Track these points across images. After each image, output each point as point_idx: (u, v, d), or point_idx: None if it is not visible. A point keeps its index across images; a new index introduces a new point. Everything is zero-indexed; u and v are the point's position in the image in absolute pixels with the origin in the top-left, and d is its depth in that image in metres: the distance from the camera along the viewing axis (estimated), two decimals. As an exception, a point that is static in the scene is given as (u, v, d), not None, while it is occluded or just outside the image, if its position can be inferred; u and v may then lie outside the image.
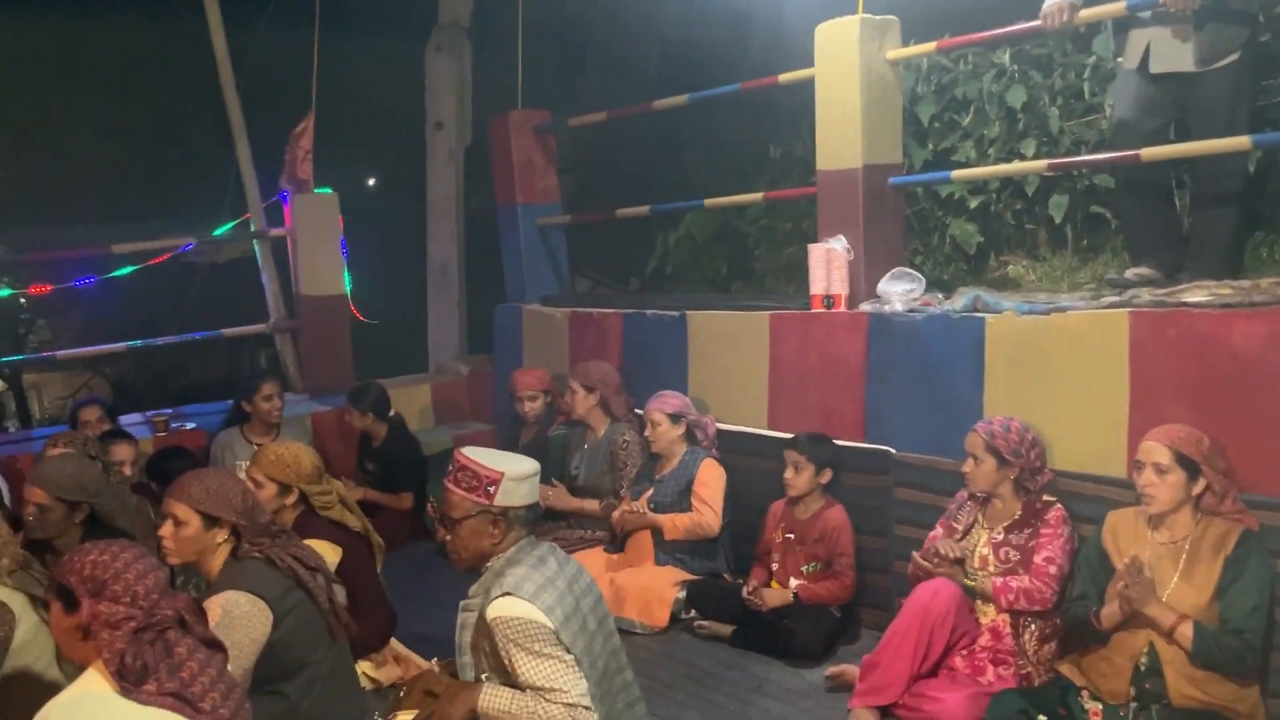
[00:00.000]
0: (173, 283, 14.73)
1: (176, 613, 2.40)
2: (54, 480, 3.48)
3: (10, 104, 17.44)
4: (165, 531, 3.05)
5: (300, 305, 7.17)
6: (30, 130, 16.60)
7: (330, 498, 3.82)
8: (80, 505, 3.50)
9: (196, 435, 6.12)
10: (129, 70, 16.63)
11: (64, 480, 3.49)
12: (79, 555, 2.40)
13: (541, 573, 2.86)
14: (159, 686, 2.30)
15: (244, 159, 7.25)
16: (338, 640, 3.17)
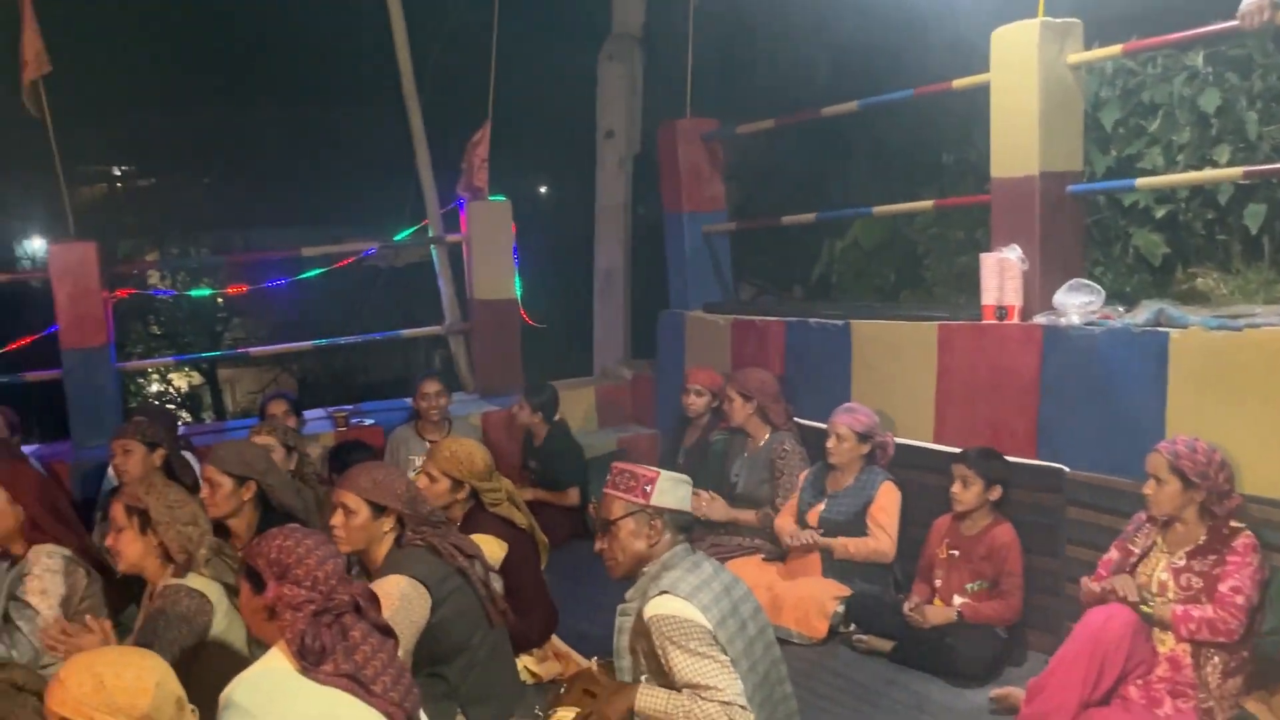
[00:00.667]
0: (355, 285, 15.48)
1: (353, 598, 2.54)
2: (222, 458, 3.72)
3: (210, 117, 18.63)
4: (336, 521, 3.23)
5: (473, 309, 7.42)
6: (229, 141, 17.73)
7: (499, 494, 3.94)
8: (247, 482, 3.71)
9: (374, 431, 6.41)
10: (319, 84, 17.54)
11: (230, 457, 3.72)
12: (267, 540, 2.56)
13: (698, 575, 2.89)
14: (335, 667, 2.43)
15: (424, 168, 7.56)
16: (495, 626, 3.28)
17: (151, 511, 3.08)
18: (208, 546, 3.14)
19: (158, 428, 4.43)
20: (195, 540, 3.11)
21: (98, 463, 5.44)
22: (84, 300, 6.21)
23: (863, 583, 4.63)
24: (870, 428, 4.76)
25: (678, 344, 6.76)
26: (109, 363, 6.35)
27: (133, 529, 3.12)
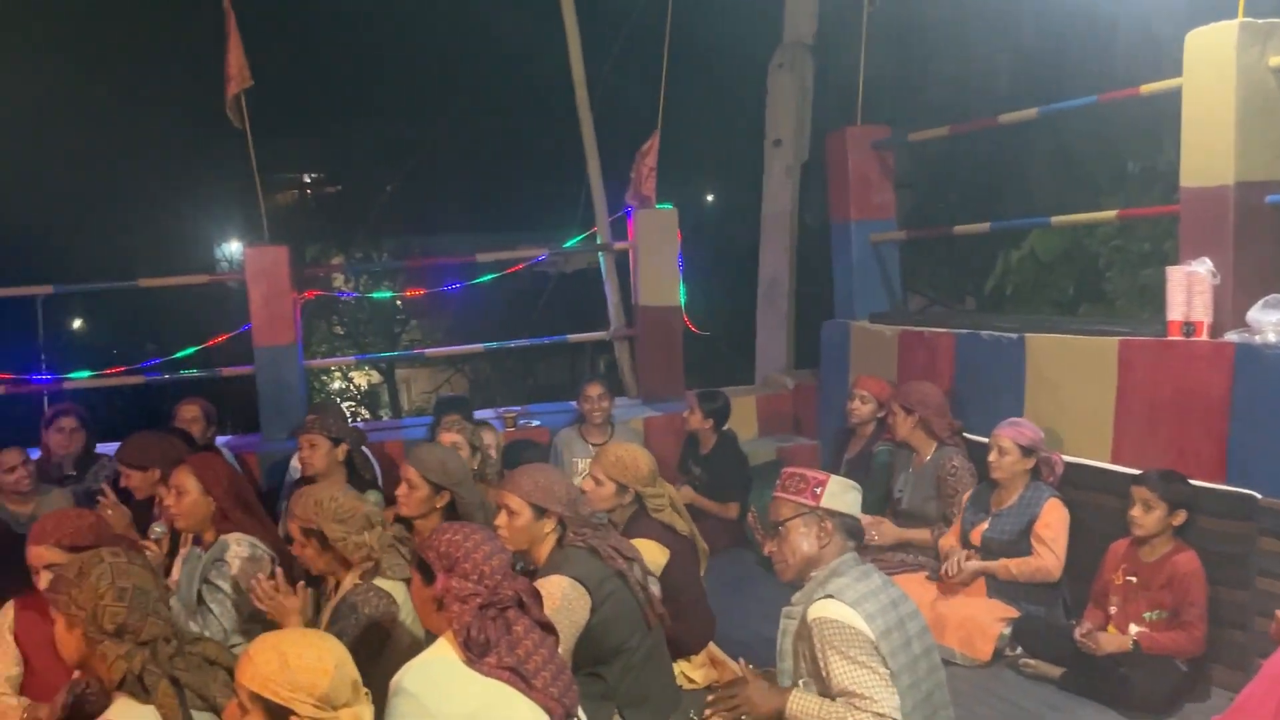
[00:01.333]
0: (526, 290, 15.90)
1: (516, 594, 2.62)
2: (425, 462, 3.84)
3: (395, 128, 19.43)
4: (500, 521, 3.33)
5: (638, 315, 7.52)
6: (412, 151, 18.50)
7: (662, 500, 3.98)
8: (443, 491, 3.84)
9: (540, 432, 6.57)
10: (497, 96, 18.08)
11: (434, 464, 3.85)
12: (438, 534, 2.67)
13: (866, 584, 2.86)
14: (499, 660, 2.51)
15: (594, 176, 7.71)
16: (652, 629, 3.32)
17: (326, 531, 3.24)
18: (380, 542, 3.27)
19: (344, 424, 4.63)
20: (375, 547, 3.25)
21: (284, 454, 5.76)
22: (276, 301, 6.59)
23: (1029, 604, 4.46)
24: (1034, 442, 4.59)
25: (842, 354, 6.68)
26: (296, 360, 6.72)
27: (313, 547, 3.28)
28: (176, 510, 3.71)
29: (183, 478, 3.72)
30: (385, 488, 4.93)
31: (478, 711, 2.46)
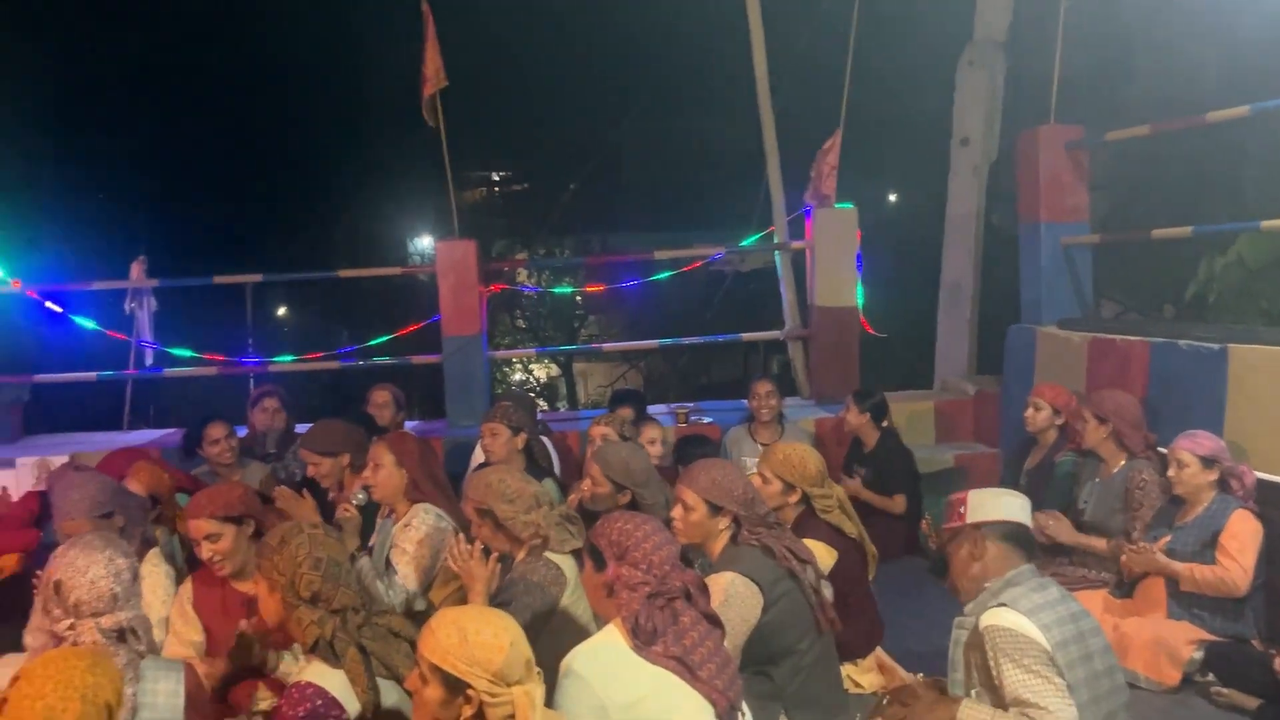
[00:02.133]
0: (701, 288, 15.99)
1: (684, 585, 2.66)
2: (610, 462, 3.94)
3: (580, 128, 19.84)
4: (676, 514, 3.38)
5: (813, 315, 7.46)
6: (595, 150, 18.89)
7: (830, 501, 3.96)
8: (625, 490, 3.93)
9: (711, 429, 6.61)
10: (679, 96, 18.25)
11: (618, 464, 3.94)
12: (610, 522, 2.74)
13: (1042, 595, 2.78)
14: (665, 649, 2.56)
15: (773, 175, 7.69)
16: (823, 633, 3.30)
17: (496, 511, 3.36)
18: (551, 523, 3.38)
19: (522, 414, 4.79)
20: (542, 523, 3.36)
21: (468, 441, 5.99)
22: (464, 293, 6.87)
23: (1217, 625, 4.20)
24: (1214, 453, 4.32)
25: (1027, 361, 6.45)
26: (481, 351, 6.98)
27: (488, 527, 3.42)
28: (373, 481, 3.94)
29: (379, 451, 3.96)
30: (562, 476, 5.08)
31: (644, 698, 2.51)
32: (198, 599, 3.57)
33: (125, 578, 2.68)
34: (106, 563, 2.66)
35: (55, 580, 2.64)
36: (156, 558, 3.74)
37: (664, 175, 21.96)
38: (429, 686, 2.27)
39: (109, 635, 2.57)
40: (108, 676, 2.16)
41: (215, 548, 3.46)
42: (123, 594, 2.66)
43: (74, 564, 2.64)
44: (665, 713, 2.52)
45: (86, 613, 2.60)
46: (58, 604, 2.63)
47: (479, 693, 2.21)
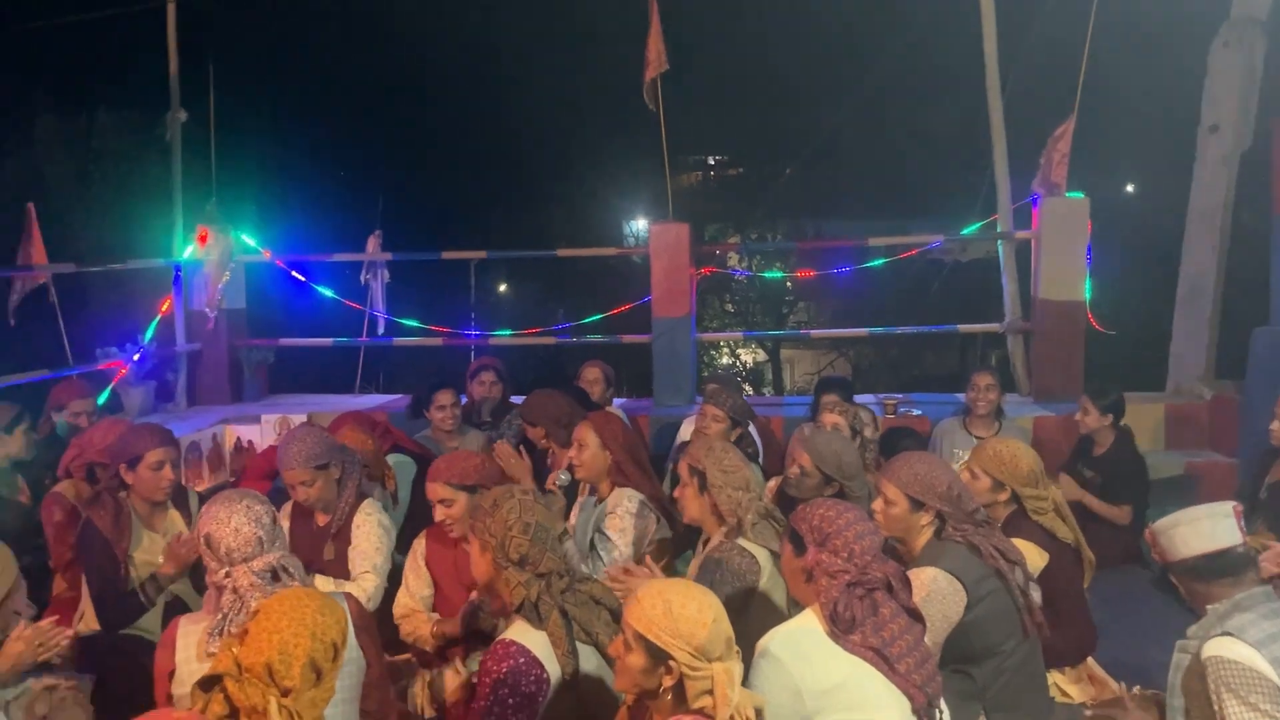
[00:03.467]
0: (917, 277, 15.58)
1: (885, 576, 2.62)
2: (822, 453, 3.91)
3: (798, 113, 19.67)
4: (876, 507, 3.32)
5: (1036, 309, 7.15)
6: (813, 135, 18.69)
7: (1044, 503, 3.79)
8: (832, 480, 3.89)
9: (921, 421, 6.45)
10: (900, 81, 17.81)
11: (828, 455, 3.90)
12: (813, 508, 2.73)
13: (1274, 623, 2.57)
14: (863, 639, 2.53)
15: (1000, 161, 7.39)
16: (1029, 636, 3.18)
17: (709, 474, 3.40)
18: (755, 512, 3.38)
19: (732, 398, 4.82)
20: (744, 505, 3.37)
21: (673, 420, 6.08)
22: (675, 275, 6.95)
23: None
24: None
25: (1274, 366, 5.96)
26: (690, 333, 7.05)
27: (693, 487, 3.46)
28: (577, 461, 4.05)
29: (584, 432, 4.06)
30: (766, 462, 5.08)
31: (840, 685, 2.50)
32: (430, 555, 3.78)
33: (265, 522, 2.84)
34: (245, 511, 2.82)
35: (205, 535, 2.82)
36: (371, 507, 3.97)
37: (883, 160, 21.50)
38: (632, 654, 2.33)
39: (263, 577, 2.75)
40: (335, 618, 2.32)
41: (448, 512, 3.64)
42: (266, 537, 2.81)
43: (217, 517, 2.81)
44: (861, 703, 2.50)
45: (238, 559, 2.77)
46: (212, 556, 2.81)
47: (680, 664, 2.26)
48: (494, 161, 21.43)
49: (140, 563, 3.85)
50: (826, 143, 20.47)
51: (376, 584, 3.79)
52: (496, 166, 21.53)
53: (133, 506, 3.91)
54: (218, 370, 7.62)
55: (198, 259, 7.47)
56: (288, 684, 2.19)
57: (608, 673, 2.80)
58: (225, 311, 7.59)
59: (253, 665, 2.20)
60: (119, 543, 3.80)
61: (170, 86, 7.54)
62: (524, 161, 21.72)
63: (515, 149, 21.44)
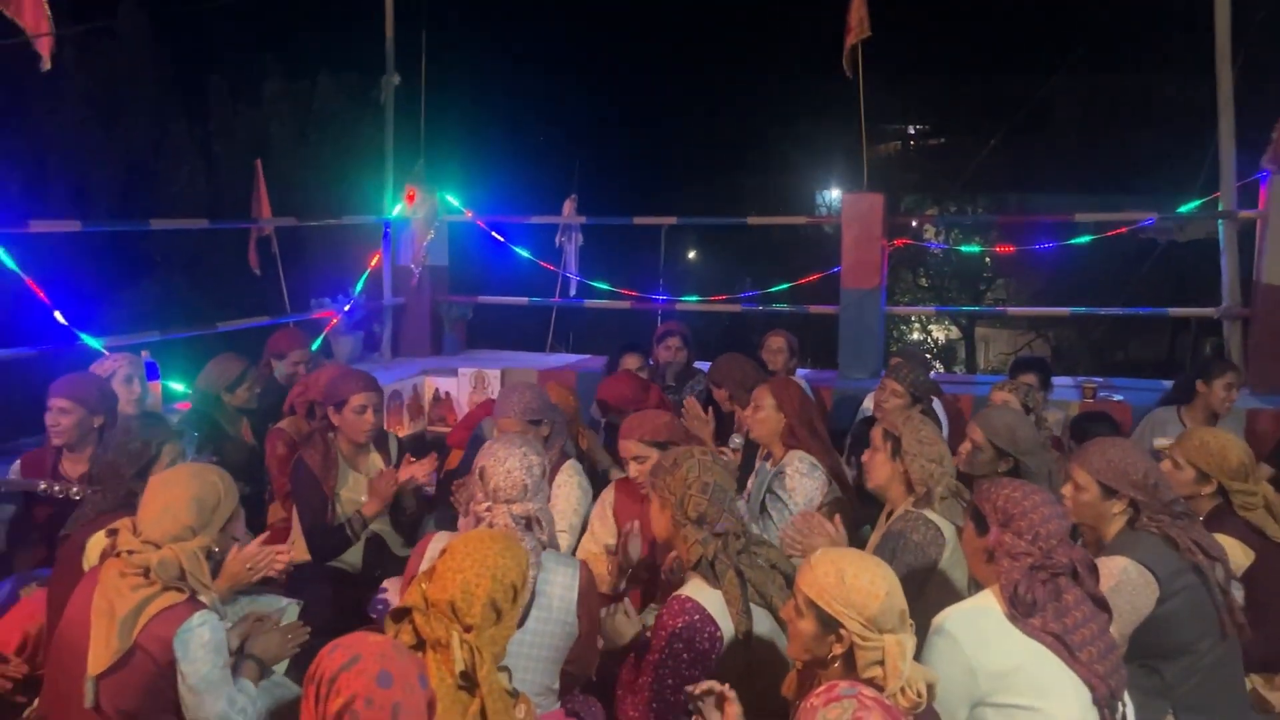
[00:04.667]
0: (1126, 256, 14.75)
1: (1071, 562, 2.54)
2: (994, 427, 3.81)
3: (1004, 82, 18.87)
4: (1066, 492, 3.21)
5: (1257, 294, 6.66)
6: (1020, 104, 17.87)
7: (1254, 499, 3.58)
8: (1006, 455, 3.78)
9: (1121, 408, 6.14)
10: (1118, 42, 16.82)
11: (1001, 429, 3.80)
12: (998, 487, 2.67)
13: None
14: (1043, 623, 2.47)
15: (1225, 135, 6.90)
16: (1228, 636, 3.02)
17: (904, 440, 3.36)
18: (945, 486, 3.33)
19: (926, 383, 4.74)
20: (935, 477, 3.32)
21: (857, 394, 6.01)
22: (866, 246, 6.84)
23: None
24: None
25: None
26: (879, 306, 6.93)
27: (885, 452, 3.43)
28: (751, 423, 4.09)
29: (762, 394, 4.10)
30: (950, 441, 4.96)
31: (1016, 669, 2.45)
32: (618, 507, 3.90)
33: (535, 473, 3.00)
34: (521, 457, 2.99)
35: (480, 467, 3.01)
36: (573, 469, 4.14)
37: (1096, 132, 20.40)
38: (803, 620, 2.35)
39: (518, 521, 2.90)
40: (516, 561, 2.44)
41: (640, 468, 3.76)
42: (532, 486, 2.97)
43: (495, 454, 3.00)
44: (1036, 688, 2.44)
45: (501, 499, 2.94)
46: (480, 488, 3.00)
47: (850, 634, 2.26)
48: (688, 129, 21.52)
49: (345, 500, 4.12)
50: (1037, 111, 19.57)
51: (570, 543, 3.93)
52: (690, 134, 21.62)
53: (339, 447, 4.19)
54: (420, 324, 8.00)
55: (405, 217, 7.84)
56: (469, 620, 2.31)
57: (780, 636, 2.83)
58: (429, 268, 7.95)
59: (438, 601, 2.34)
60: (326, 480, 4.07)
61: (386, 52, 7.90)
62: (718, 129, 21.72)
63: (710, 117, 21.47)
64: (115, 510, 3.18)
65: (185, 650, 2.55)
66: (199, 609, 2.61)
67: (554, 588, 2.87)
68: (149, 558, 2.60)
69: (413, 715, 1.91)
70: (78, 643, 2.60)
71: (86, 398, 4.04)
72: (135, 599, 2.57)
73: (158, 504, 2.70)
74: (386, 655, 1.95)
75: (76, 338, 5.42)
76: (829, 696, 1.90)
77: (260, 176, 6.92)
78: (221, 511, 2.77)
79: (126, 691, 2.56)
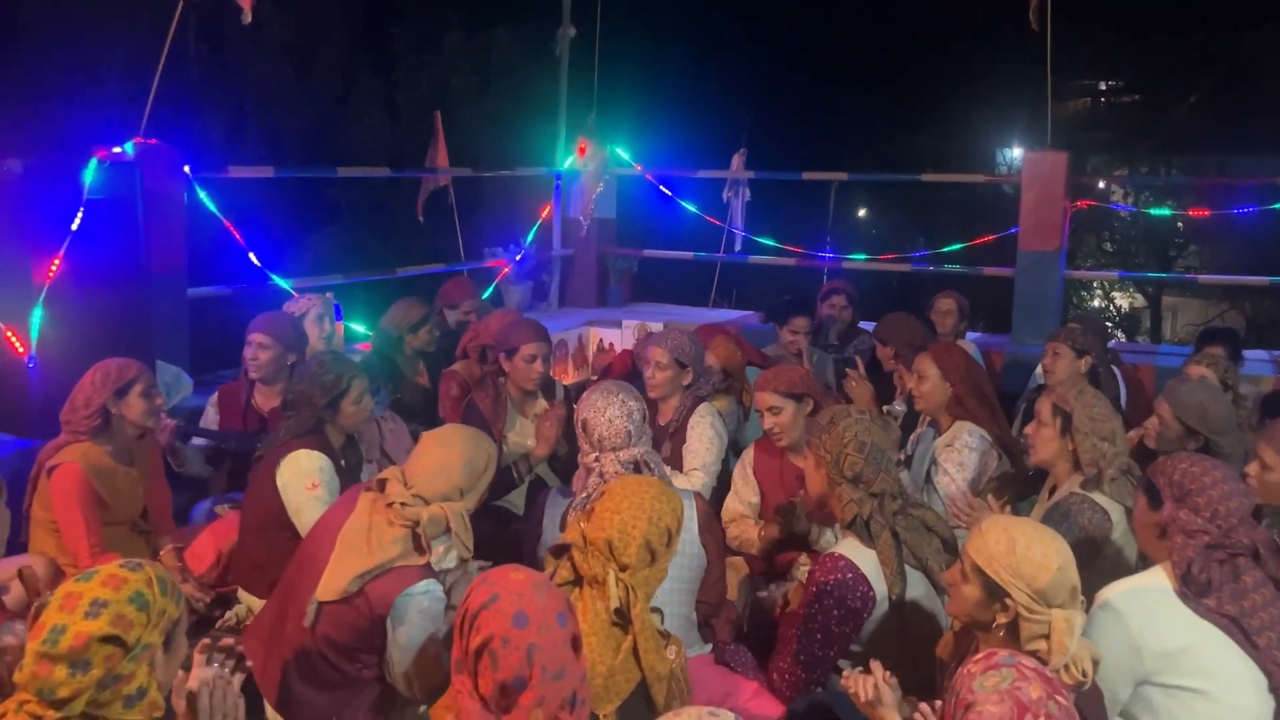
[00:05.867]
0: (1339, 224, 13.68)
1: (1253, 544, 2.42)
2: (1183, 403, 3.60)
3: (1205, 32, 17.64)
4: (1251, 470, 3.06)
5: None
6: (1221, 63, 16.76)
7: None
8: (1195, 434, 3.59)
9: (1321, 386, 5.75)
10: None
11: (1191, 405, 3.59)
12: (1174, 461, 2.56)
13: None
14: (1218, 604, 2.37)
15: None
16: None
17: (1075, 417, 3.20)
18: (1116, 466, 3.19)
19: (1090, 337, 4.54)
20: (1107, 457, 3.16)
21: (1030, 359, 5.80)
22: (1047, 207, 6.56)
23: None
24: None
25: None
26: (1058, 269, 6.66)
27: (1053, 428, 3.27)
28: (917, 393, 4.01)
29: (924, 363, 3.99)
30: (1128, 412, 4.76)
31: (1184, 649, 2.36)
32: (758, 465, 3.93)
33: (636, 418, 3.06)
34: (620, 405, 3.05)
35: (582, 419, 3.09)
36: (707, 410, 4.17)
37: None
38: (968, 584, 2.31)
39: (626, 467, 2.97)
40: (671, 506, 2.49)
41: (776, 420, 3.76)
42: (635, 431, 3.04)
43: (595, 405, 3.07)
44: (1207, 671, 2.35)
45: (607, 447, 3.02)
46: (585, 439, 3.09)
47: (1016, 604, 2.22)
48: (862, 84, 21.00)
49: (512, 443, 4.29)
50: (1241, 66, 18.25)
51: (704, 482, 3.98)
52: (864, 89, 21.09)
53: (508, 393, 4.34)
54: (586, 275, 8.15)
55: (576, 170, 7.97)
56: (625, 560, 2.38)
57: (935, 600, 2.81)
58: (597, 220, 8.06)
59: (596, 540, 2.42)
60: (495, 423, 4.24)
61: (562, 4, 7.99)
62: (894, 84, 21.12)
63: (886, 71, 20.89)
64: (306, 435, 3.41)
65: (404, 613, 2.62)
66: (427, 577, 2.65)
67: None
68: (420, 512, 2.65)
69: (550, 654, 1.96)
70: (317, 562, 2.70)
71: (284, 335, 4.32)
72: (388, 555, 2.63)
73: (433, 461, 2.75)
74: (524, 595, 1.99)
75: (268, 278, 5.76)
76: (987, 664, 1.87)
77: (439, 128, 7.14)
78: (486, 478, 2.83)
79: (342, 627, 2.66)
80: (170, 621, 1.90)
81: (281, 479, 3.29)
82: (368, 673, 2.73)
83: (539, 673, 1.94)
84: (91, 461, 3.43)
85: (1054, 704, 1.79)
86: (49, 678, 1.76)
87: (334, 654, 2.69)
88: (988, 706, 1.79)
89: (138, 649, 1.82)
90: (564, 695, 1.97)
